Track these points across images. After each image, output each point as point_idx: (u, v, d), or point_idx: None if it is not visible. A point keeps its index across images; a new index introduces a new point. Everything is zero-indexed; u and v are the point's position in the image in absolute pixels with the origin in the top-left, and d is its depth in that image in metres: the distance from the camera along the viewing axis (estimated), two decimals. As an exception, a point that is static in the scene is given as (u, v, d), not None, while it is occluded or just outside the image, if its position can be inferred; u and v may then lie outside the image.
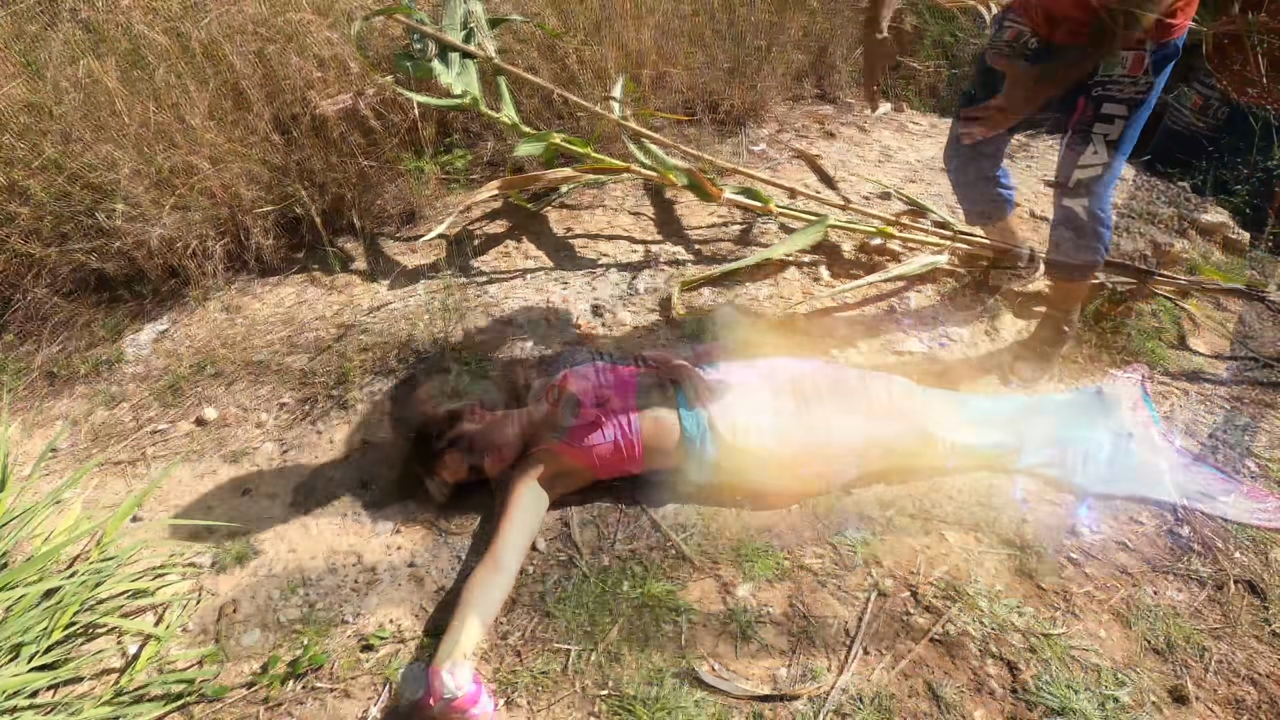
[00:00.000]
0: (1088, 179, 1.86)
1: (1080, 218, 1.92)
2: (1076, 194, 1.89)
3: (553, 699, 1.50)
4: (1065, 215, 1.94)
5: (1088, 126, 1.81)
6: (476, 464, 1.81)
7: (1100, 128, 1.80)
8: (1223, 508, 1.84)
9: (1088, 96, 1.79)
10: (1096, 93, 1.78)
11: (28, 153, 2.31)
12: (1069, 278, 2.10)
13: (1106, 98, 1.77)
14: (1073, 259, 2.01)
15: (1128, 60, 1.72)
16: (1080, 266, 2.03)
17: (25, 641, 1.48)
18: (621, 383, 1.87)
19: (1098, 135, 1.80)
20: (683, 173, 2.57)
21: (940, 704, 1.48)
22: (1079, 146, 1.83)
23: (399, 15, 2.37)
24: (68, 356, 2.32)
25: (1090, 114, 1.80)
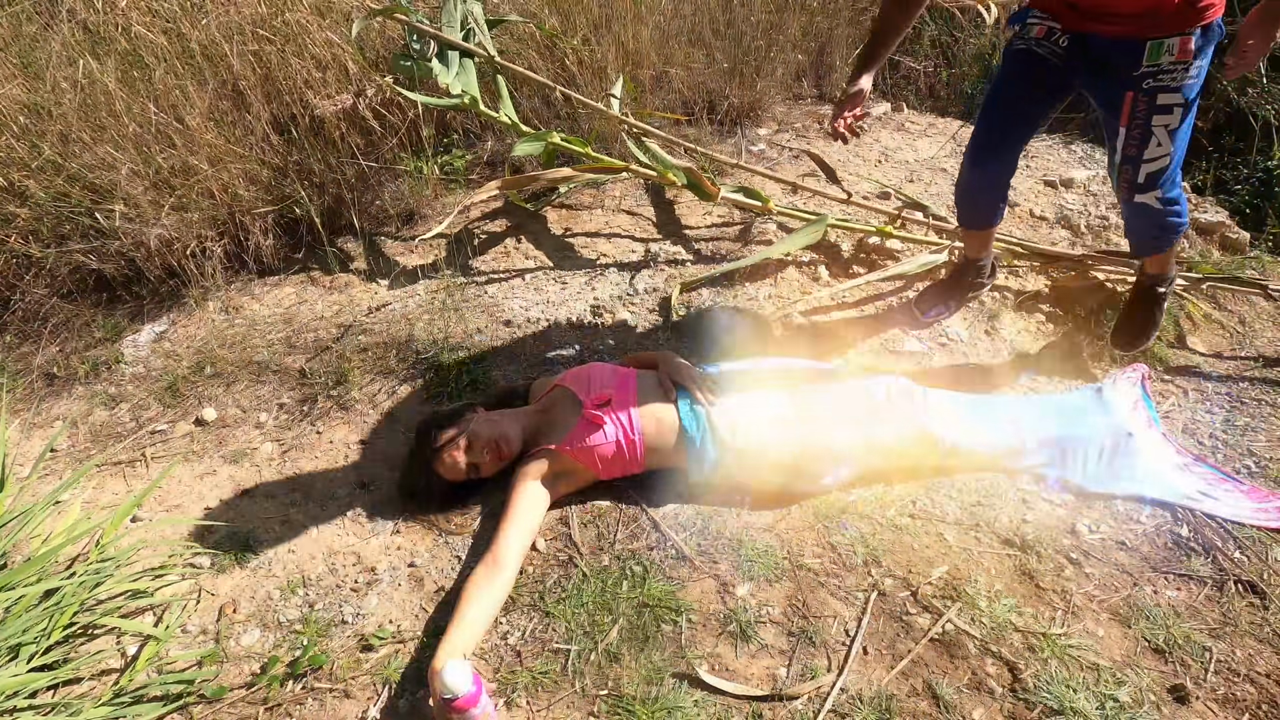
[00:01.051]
0: (1156, 171, 1.82)
1: (1155, 208, 1.89)
2: (1147, 188, 1.85)
3: (553, 699, 1.50)
4: (1140, 209, 1.90)
5: (1145, 120, 1.76)
6: (476, 462, 1.81)
7: (1159, 119, 1.74)
8: (1223, 508, 1.84)
9: (1136, 90, 1.74)
10: (1148, 84, 1.71)
11: (26, 153, 2.31)
12: (1158, 253, 2.09)
13: (1160, 88, 1.71)
14: (1159, 239, 2.00)
15: (1174, 46, 1.66)
16: (1165, 244, 2.03)
17: (25, 642, 1.47)
18: (622, 382, 1.87)
19: (1158, 128, 1.75)
20: (682, 171, 2.57)
21: (940, 704, 1.48)
22: (1141, 143, 1.78)
23: (398, 15, 2.37)
24: (67, 357, 2.32)
25: (1144, 107, 1.74)
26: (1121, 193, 1.91)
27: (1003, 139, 2.03)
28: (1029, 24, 1.88)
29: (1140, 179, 1.84)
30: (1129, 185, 1.87)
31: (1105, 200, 2.82)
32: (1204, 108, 3.23)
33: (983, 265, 2.34)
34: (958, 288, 2.36)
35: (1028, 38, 1.88)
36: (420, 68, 2.40)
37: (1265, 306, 2.52)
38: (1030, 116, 2.00)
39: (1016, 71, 1.93)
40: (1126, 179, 1.86)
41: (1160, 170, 1.82)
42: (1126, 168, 1.84)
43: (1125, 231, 2.11)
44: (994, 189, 2.13)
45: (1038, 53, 1.86)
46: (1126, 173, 1.85)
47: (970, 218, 2.24)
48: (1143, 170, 1.83)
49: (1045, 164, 3.01)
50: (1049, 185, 2.89)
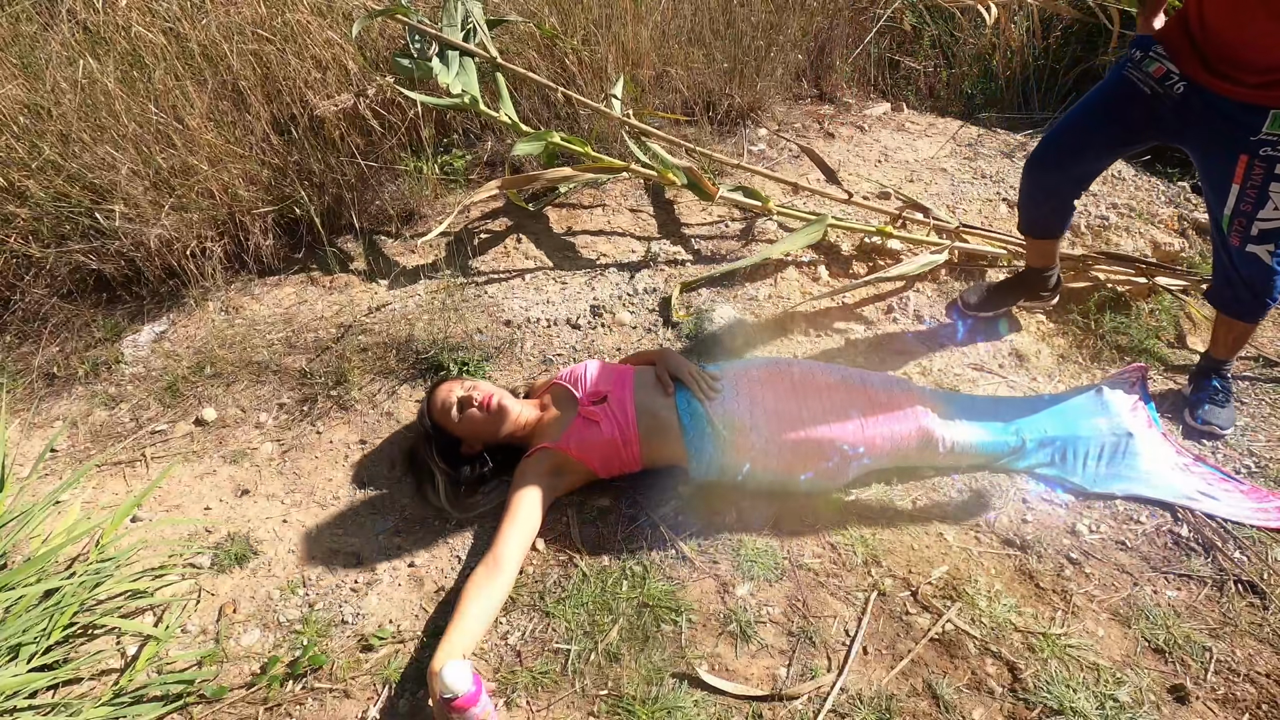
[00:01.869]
0: (1271, 229, 1.80)
1: (1265, 262, 1.85)
2: (1261, 242, 1.82)
3: (552, 699, 1.50)
4: (1249, 259, 1.86)
5: (1262, 186, 1.73)
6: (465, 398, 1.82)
7: (1277, 187, 1.73)
8: (1222, 507, 1.84)
9: (1252, 156, 1.71)
10: (1265, 152, 1.69)
11: (26, 154, 2.31)
12: (1245, 318, 2.01)
13: (1278, 159, 1.69)
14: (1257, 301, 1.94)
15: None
16: (1261, 309, 1.96)
17: (25, 642, 1.47)
18: (619, 379, 1.87)
19: (1276, 194, 1.73)
20: (682, 171, 2.57)
21: (940, 703, 1.48)
22: (1257, 203, 1.76)
23: (398, 15, 2.37)
24: (66, 357, 2.32)
25: (1261, 173, 1.72)
26: (1233, 240, 1.85)
27: (1075, 156, 1.97)
28: (1150, 57, 1.80)
29: (1254, 232, 1.81)
30: (1241, 235, 1.83)
31: (1105, 200, 2.82)
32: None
33: (1047, 276, 2.27)
34: (1014, 292, 2.31)
35: (1145, 71, 1.81)
36: (420, 68, 2.40)
37: (1265, 306, 2.52)
38: (1113, 146, 1.96)
39: (1123, 100, 1.86)
40: (1239, 230, 1.82)
41: (1276, 229, 1.79)
42: (1240, 220, 1.81)
43: (1218, 286, 1.99)
44: (1056, 198, 2.07)
45: (1148, 92, 1.81)
46: (1240, 224, 1.81)
47: (1029, 223, 2.18)
48: (1256, 226, 1.80)
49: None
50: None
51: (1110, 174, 2.94)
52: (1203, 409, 2.08)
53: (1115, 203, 2.81)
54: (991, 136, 3.18)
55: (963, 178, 2.93)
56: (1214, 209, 1.86)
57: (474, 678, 1.34)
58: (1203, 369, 2.15)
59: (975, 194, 2.84)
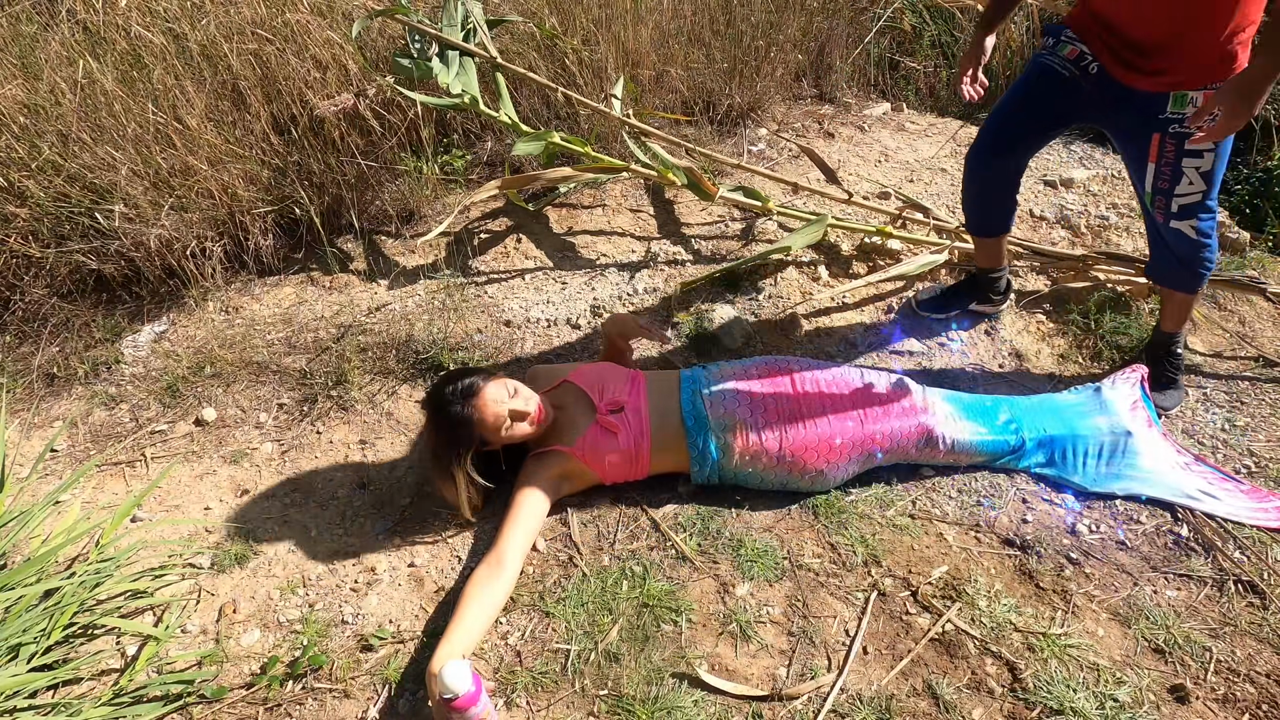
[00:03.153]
0: (1190, 204, 1.81)
1: (1189, 236, 1.87)
2: (1183, 217, 1.84)
3: (552, 699, 1.50)
4: (1176, 235, 1.88)
5: (1175, 162, 1.76)
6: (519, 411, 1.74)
7: (1190, 162, 1.74)
8: (1222, 507, 1.84)
9: (1163, 134, 1.73)
10: (1173, 129, 1.72)
11: (26, 153, 2.31)
12: (1185, 290, 2.04)
13: (1186, 134, 1.71)
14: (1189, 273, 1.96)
15: (1198, 100, 1.66)
16: (1197, 279, 1.98)
17: (24, 642, 1.47)
18: (634, 388, 1.86)
19: (1189, 169, 1.75)
20: (681, 171, 2.57)
21: (940, 703, 1.48)
22: (1173, 180, 1.78)
23: (398, 15, 2.37)
24: (66, 357, 2.32)
25: (1172, 149, 1.74)
26: (1157, 216, 1.88)
27: (1010, 147, 2.01)
28: (1063, 41, 1.85)
29: (1174, 209, 1.83)
30: (1164, 213, 1.85)
31: (1105, 200, 2.82)
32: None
33: (996, 279, 2.30)
34: (963, 296, 2.35)
35: (1059, 55, 1.85)
36: (420, 68, 2.40)
37: (1265, 306, 2.52)
38: (1043, 131, 1.99)
39: (1040, 87, 1.90)
40: (1161, 208, 1.85)
41: (1194, 203, 1.81)
42: (1160, 199, 1.84)
43: (1152, 264, 2.05)
44: (998, 191, 2.11)
45: (1066, 75, 1.84)
46: (1160, 202, 1.84)
47: (976, 222, 2.22)
48: (1175, 203, 1.82)
49: (1045, 164, 3.01)
50: (1049, 185, 2.89)
51: (1110, 174, 2.94)
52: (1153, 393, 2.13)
53: (1115, 203, 2.81)
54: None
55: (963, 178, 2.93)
56: (1137, 188, 1.90)
57: (474, 677, 1.34)
58: (1155, 344, 2.19)
59: (975, 194, 2.84)
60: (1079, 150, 3.10)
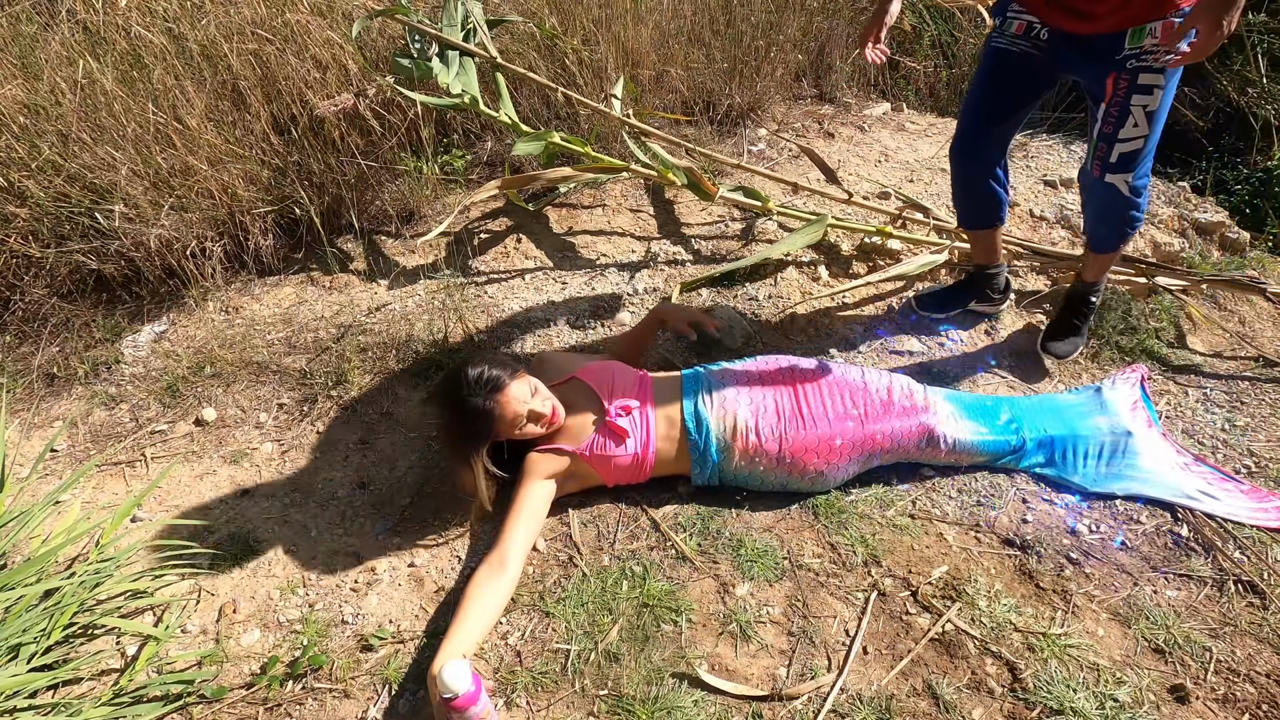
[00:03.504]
0: (1130, 152, 1.82)
1: (1122, 192, 1.89)
2: (1119, 169, 1.85)
3: (552, 699, 1.50)
4: (1108, 191, 1.90)
5: (1125, 99, 1.76)
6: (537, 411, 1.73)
7: (1138, 99, 1.75)
8: (1222, 507, 1.84)
9: (1118, 72, 1.74)
10: (1131, 64, 1.72)
11: (26, 153, 2.31)
12: (1107, 250, 2.09)
13: (1143, 68, 1.71)
14: (1115, 232, 2.01)
15: (1156, 29, 1.67)
16: (1121, 238, 2.03)
17: (24, 642, 1.47)
18: (642, 391, 1.86)
19: (1136, 107, 1.76)
20: (681, 171, 2.57)
21: (940, 704, 1.48)
22: (1118, 122, 1.79)
23: (398, 15, 2.37)
24: (66, 357, 2.32)
25: (1125, 85, 1.75)
26: (1094, 171, 1.90)
27: (985, 137, 2.03)
28: (1009, 18, 1.87)
29: (1113, 158, 1.85)
30: (1102, 162, 1.87)
31: (1105, 200, 2.82)
32: (1204, 108, 3.23)
33: (993, 276, 2.31)
34: (962, 295, 2.36)
35: (1007, 34, 1.88)
36: (420, 68, 2.40)
37: (1265, 306, 2.52)
38: (1017, 110, 2.01)
39: (999, 69, 1.93)
40: (1100, 155, 1.87)
41: (1134, 152, 1.83)
42: (1101, 145, 1.85)
43: (1085, 220, 2.10)
44: (984, 183, 2.12)
45: (1018, 51, 1.87)
46: (1101, 149, 1.86)
47: (967, 216, 2.23)
48: (1116, 149, 1.83)
49: (1045, 164, 3.01)
50: (1049, 185, 2.89)
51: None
52: (1049, 337, 2.23)
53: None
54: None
55: (963, 178, 2.93)
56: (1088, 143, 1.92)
57: (474, 677, 1.34)
58: (1073, 292, 2.24)
59: (975, 194, 2.84)
60: (1079, 150, 3.10)
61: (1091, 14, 1.71)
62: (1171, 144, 3.28)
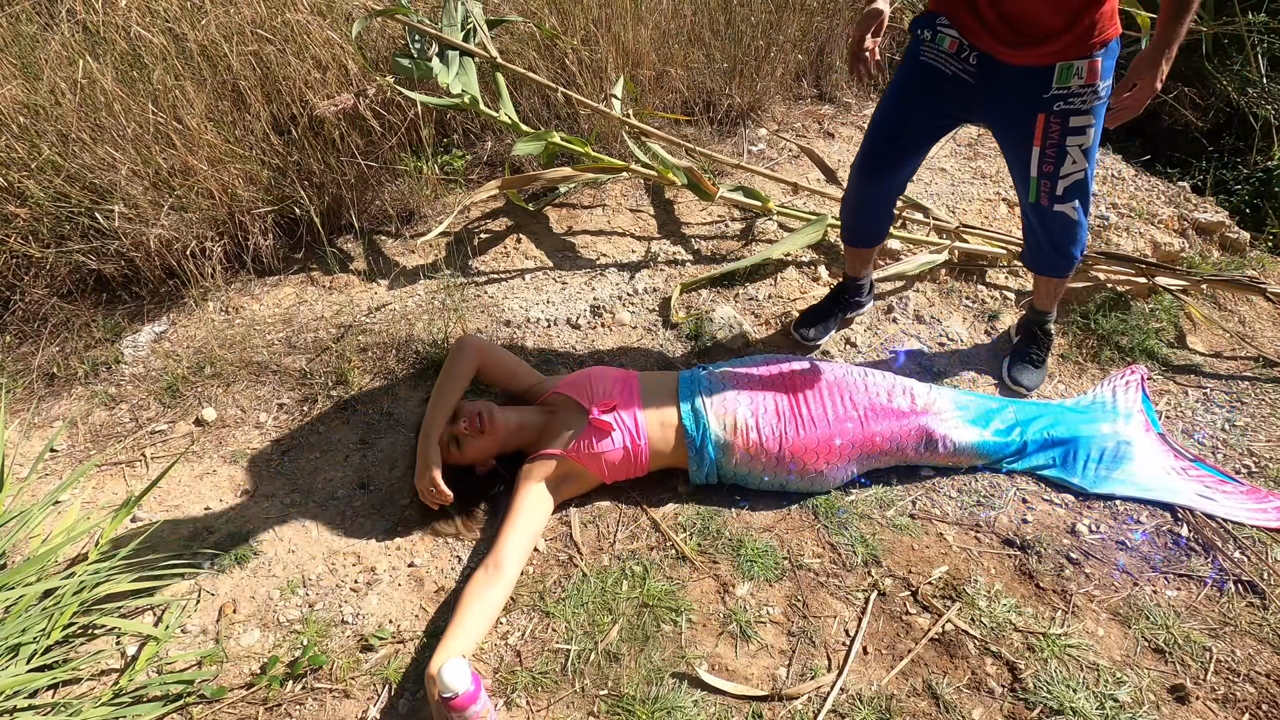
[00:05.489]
0: (1074, 183, 1.82)
1: (1072, 217, 1.89)
2: (1066, 200, 1.85)
3: (552, 699, 1.50)
4: (1058, 218, 1.90)
5: (1060, 141, 1.75)
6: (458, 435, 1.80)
7: (1073, 139, 1.75)
8: (1222, 508, 1.84)
9: (1048, 113, 1.72)
10: (1059, 107, 1.71)
11: (26, 153, 2.31)
12: (1060, 274, 2.08)
13: (1071, 111, 1.71)
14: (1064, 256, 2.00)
15: (1083, 69, 1.66)
16: (1071, 261, 2.01)
17: (24, 642, 1.47)
18: (626, 386, 1.87)
19: (1072, 147, 1.76)
20: (682, 171, 2.57)
21: (940, 704, 1.48)
22: (1057, 161, 1.78)
23: (398, 15, 2.37)
24: (66, 357, 2.32)
25: (1057, 128, 1.74)
26: (1041, 201, 1.87)
27: (898, 160, 1.95)
28: (940, 33, 1.77)
29: (1059, 191, 1.84)
30: (1049, 195, 1.85)
31: (1105, 200, 2.82)
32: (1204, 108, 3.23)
33: (861, 284, 2.31)
34: (835, 308, 2.31)
35: (940, 48, 1.78)
36: (420, 68, 2.39)
37: (1265, 306, 2.52)
38: (934, 132, 1.94)
39: (924, 85, 1.83)
40: (1045, 190, 1.85)
41: (1078, 182, 1.82)
42: (1044, 182, 1.83)
43: (1030, 251, 2.05)
44: (885, 204, 2.08)
45: (947, 72, 1.78)
46: (1045, 185, 1.84)
47: (857, 235, 2.17)
48: (1060, 185, 1.83)
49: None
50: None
51: (1110, 174, 2.94)
52: (1016, 368, 2.20)
53: (1115, 203, 2.81)
54: (991, 136, 3.17)
55: (962, 177, 2.93)
56: (1019, 179, 1.89)
57: (473, 677, 1.34)
58: (1028, 321, 2.24)
59: (975, 194, 2.84)
60: (1079, 150, 3.09)
61: (1020, 45, 1.67)
62: (1172, 144, 3.28)
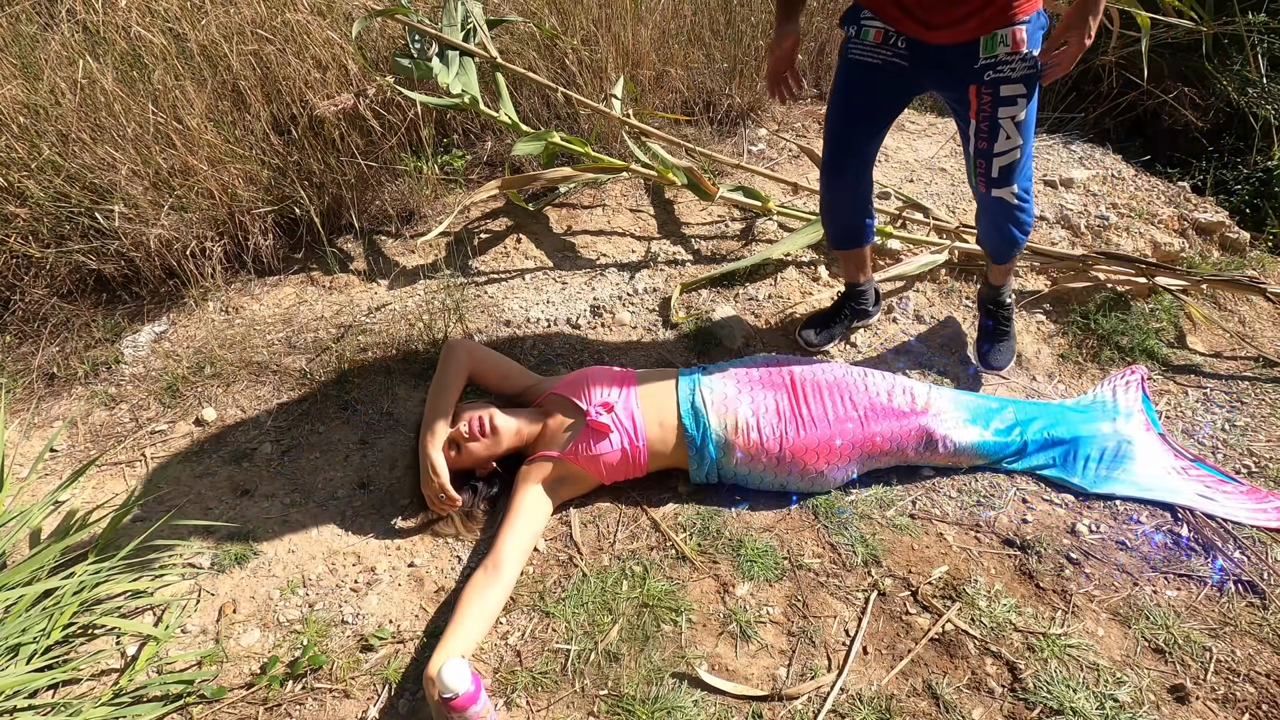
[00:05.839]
0: (1009, 164, 1.81)
1: (1010, 203, 1.89)
2: (1002, 183, 1.85)
3: (552, 699, 1.50)
4: (998, 204, 1.90)
5: (992, 113, 1.74)
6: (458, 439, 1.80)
7: (1004, 111, 1.73)
8: (1222, 508, 1.84)
9: (979, 84, 1.71)
10: (989, 76, 1.69)
11: (26, 153, 2.31)
12: (1005, 261, 2.10)
13: (1001, 80, 1.69)
14: (1007, 242, 2.00)
15: (1007, 37, 1.65)
16: (1013, 245, 2.02)
17: (24, 642, 1.47)
18: (623, 386, 1.87)
19: (1004, 119, 1.74)
20: (682, 171, 2.57)
21: (940, 704, 1.48)
22: (991, 136, 1.77)
23: (398, 15, 2.37)
24: (66, 357, 2.32)
25: (989, 99, 1.72)
26: (979, 188, 1.89)
27: (853, 157, 1.97)
28: (864, 26, 1.78)
29: (994, 173, 1.83)
30: (985, 179, 1.85)
31: (1105, 200, 2.82)
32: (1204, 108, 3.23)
33: (864, 291, 2.29)
34: (840, 316, 2.30)
35: (866, 43, 1.79)
36: (420, 68, 2.40)
37: (1265, 306, 2.52)
38: (881, 123, 1.94)
39: (859, 83, 1.84)
40: (982, 172, 1.85)
41: (1013, 164, 1.81)
42: (980, 161, 1.83)
43: (980, 234, 2.09)
44: (855, 202, 2.08)
45: (877, 62, 1.79)
46: (981, 165, 1.84)
47: (840, 236, 2.17)
48: (995, 164, 1.82)
49: (1045, 164, 3.01)
50: (1049, 185, 2.89)
51: (1110, 174, 2.94)
52: (985, 351, 2.22)
53: (1115, 203, 2.81)
54: (991, 136, 3.17)
55: (962, 177, 2.93)
56: (965, 156, 1.89)
57: (473, 677, 1.34)
58: (983, 296, 2.25)
59: (975, 194, 2.84)
60: (1079, 150, 3.10)
61: (939, 24, 1.66)
62: (1172, 144, 3.28)
